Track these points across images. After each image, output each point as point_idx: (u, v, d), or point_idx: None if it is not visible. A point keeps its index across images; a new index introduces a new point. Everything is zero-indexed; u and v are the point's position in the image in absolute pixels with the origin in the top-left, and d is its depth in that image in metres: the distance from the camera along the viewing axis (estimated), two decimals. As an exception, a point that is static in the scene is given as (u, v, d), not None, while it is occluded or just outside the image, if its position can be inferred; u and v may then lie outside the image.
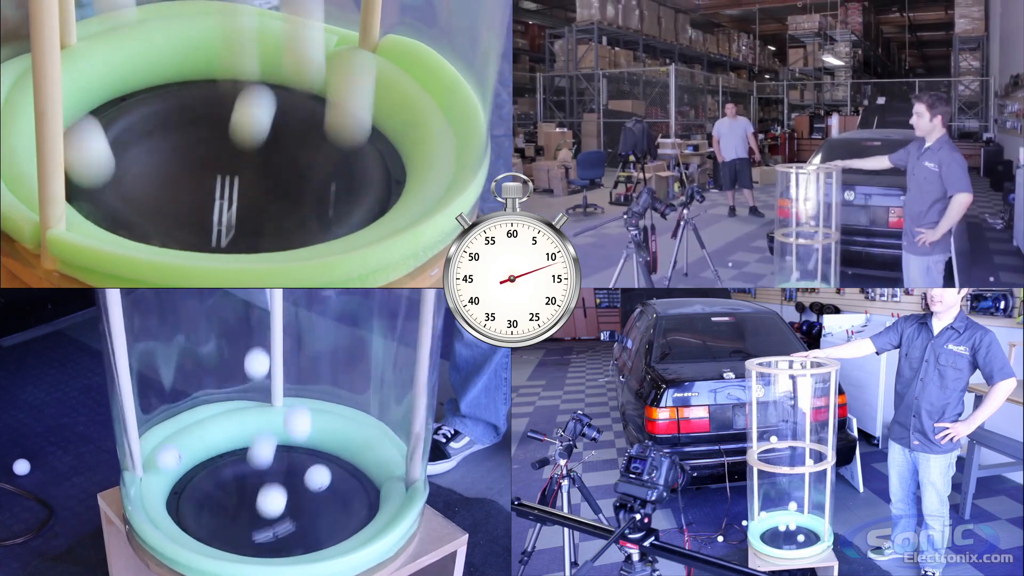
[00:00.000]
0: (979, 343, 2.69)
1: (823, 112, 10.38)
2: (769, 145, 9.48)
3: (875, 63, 11.65)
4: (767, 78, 11.85)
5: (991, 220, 5.61)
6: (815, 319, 5.78)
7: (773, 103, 11.13)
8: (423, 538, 1.97)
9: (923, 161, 3.26)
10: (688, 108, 9.77)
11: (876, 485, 3.62)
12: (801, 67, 10.96)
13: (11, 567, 2.40)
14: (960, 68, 9.22)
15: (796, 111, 10.61)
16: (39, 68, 1.37)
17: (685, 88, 9.73)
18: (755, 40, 12.02)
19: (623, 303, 9.37)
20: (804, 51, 10.96)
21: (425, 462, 2.00)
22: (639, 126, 7.26)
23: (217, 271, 1.49)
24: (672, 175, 7.34)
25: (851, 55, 10.60)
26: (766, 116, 10.84)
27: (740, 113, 7.11)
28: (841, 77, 10.63)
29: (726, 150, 6.84)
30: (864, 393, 4.20)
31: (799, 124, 10.22)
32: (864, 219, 4.42)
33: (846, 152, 4.08)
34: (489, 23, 1.81)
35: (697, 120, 9.70)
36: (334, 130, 1.79)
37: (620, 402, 4.54)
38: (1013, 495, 3.51)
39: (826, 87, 10.78)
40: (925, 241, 3.26)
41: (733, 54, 11.81)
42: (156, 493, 1.94)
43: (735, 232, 6.26)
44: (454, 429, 2.93)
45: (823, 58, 10.64)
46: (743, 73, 11.82)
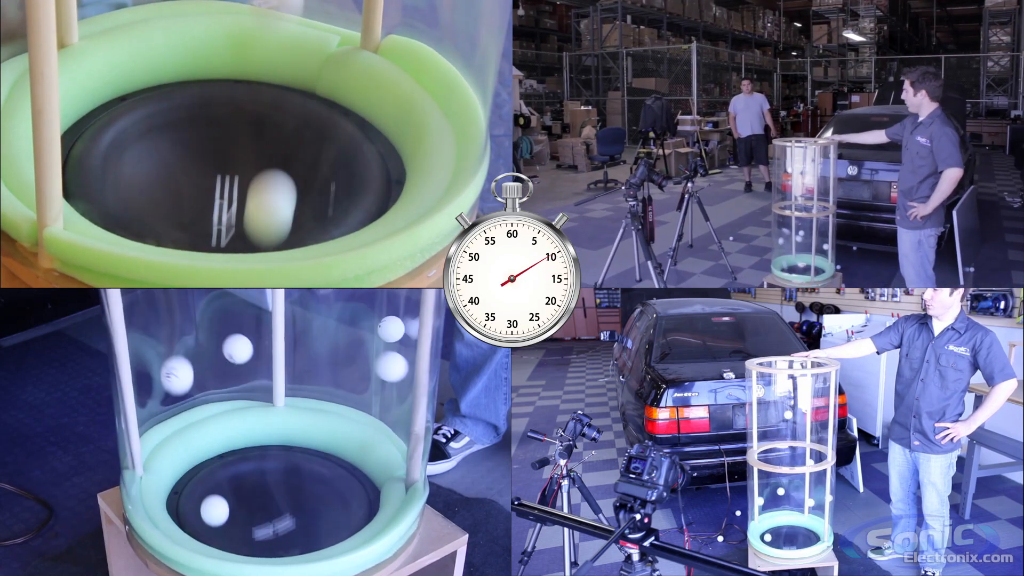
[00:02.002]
0: (980, 344, 2.69)
1: (847, 89, 10.34)
2: (792, 122, 9.46)
3: (902, 39, 11.56)
4: (793, 55, 11.79)
5: (1009, 198, 5.59)
6: (815, 319, 5.77)
7: (798, 80, 11.08)
8: (423, 538, 1.97)
9: (915, 136, 3.29)
10: (712, 85, 9.76)
11: (876, 485, 3.62)
12: (825, 43, 10.89)
13: (11, 567, 2.40)
14: (990, 43, 9.09)
15: (820, 88, 10.56)
16: (36, 67, 1.38)
17: (709, 65, 9.72)
18: (780, 16, 11.96)
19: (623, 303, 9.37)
20: (828, 27, 10.89)
21: (425, 462, 2.00)
22: (658, 103, 7.30)
23: (216, 271, 1.49)
24: (692, 151, 7.36)
25: (876, 31, 10.51)
26: (791, 93, 10.79)
27: (758, 90, 7.13)
28: (865, 54, 10.55)
29: (742, 126, 6.87)
30: (864, 393, 4.20)
31: (822, 101, 10.18)
32: (867, 194, 4.44)
33: (855, 127, 4.09)
34: (489, 24, 1.81)
35: (721, 97, 9.69)
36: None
37: (620, 402, 4.54)
38: (1013, 495, 3.51)
39: (850, 64, 10.71)
40: (917, 215, 3.29)
41: (758, 31, 11.74)
42: (156, 493, 1.94)
43: (748, 207, 6.32)
44: (454, 429, 2.93)
45: (845, 34, 10.58)
46: (768, 50, 11.77)
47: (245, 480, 2.07)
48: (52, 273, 1.53)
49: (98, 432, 3.03)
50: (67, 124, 1.75)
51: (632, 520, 1.63)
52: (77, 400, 3.23)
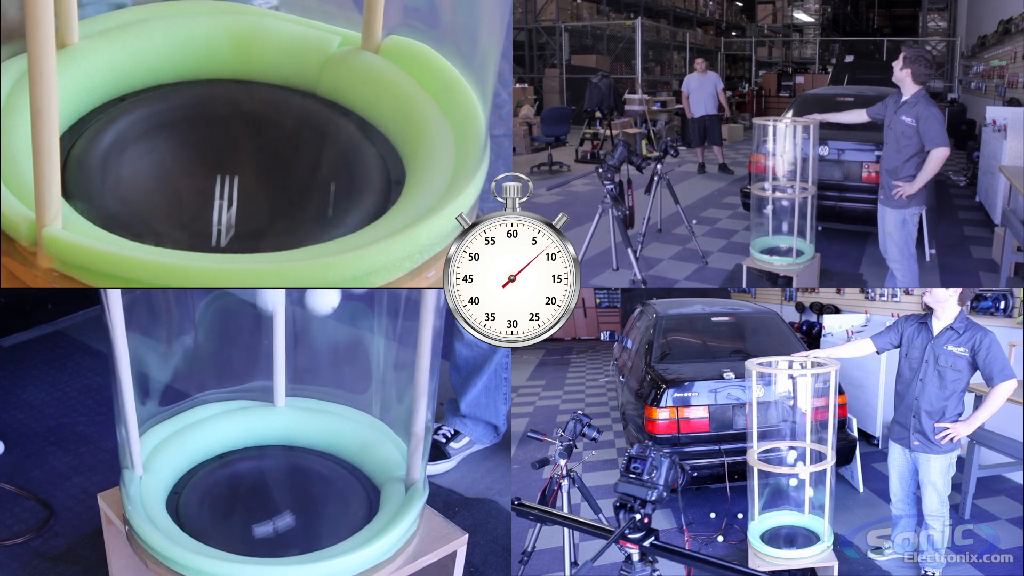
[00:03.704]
0: (979, 344, 2.69)
1: (791, 70, 10.32)
2: (737, 103, 9.39)
3: (844, 21, 11.60)
4: (734, 35, 11.74)
5: (955, 177, 5.68)
6: (815, 319, 5.77)
7: (740, 60, 11.03)
8: (423, 538, 1.97)
9: (900, 115, 3.28)
10: (654, 64, 9.61)
11: (876, 485, 3.62)
12: (770, 24, 10.87)
13: (11, 567, 2.40)
14: (928, 28, 9.25)
15: (764, 69, 10.54)
16: (35, 67, 1.38)
17: (651, 44, 9.53)
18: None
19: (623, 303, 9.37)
20: (773, 7, 10.90)
21: (425, 462, 2.00)
22: (605, 81, 7.13)
23: (216, 271, 1.49)
24: (639, 132, 7.28)
25: (820, 12, 10.56)
26: (733, 74, 10.72)
27: (710, 69, 7.07)
28: (810, 35, 10.58)
29: (695, 106, 6.78)
30: (864, 393, 4.20)
31: (767, 82, 10.16)
32: (838, 174, 4.43)
33: (819, 107, 4.06)
34: (489, 24, 1.82)
35: (663, 76, 9.57)
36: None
37: (620, 402, 4.54)
38: (1013, 495, 3.51)
39: (794, 45, 10.72)
40: (903, 194, 3.29)
41: (700, 9, 11.63)
42: (156, 493, 1.94)
43: (705, 189, 6.25)
44: (454, 429, 2.93)
45: (794, 14, 10.58)
46: (710, 29, 11.69)
47: (245, 480, 2.07)
48: (51, 273, 1.53)
49: (98, 432, 3.03)
50: (67, 124, 1.75)
51: (632, 520, 1.63)
52: (77, 400, 3.23)
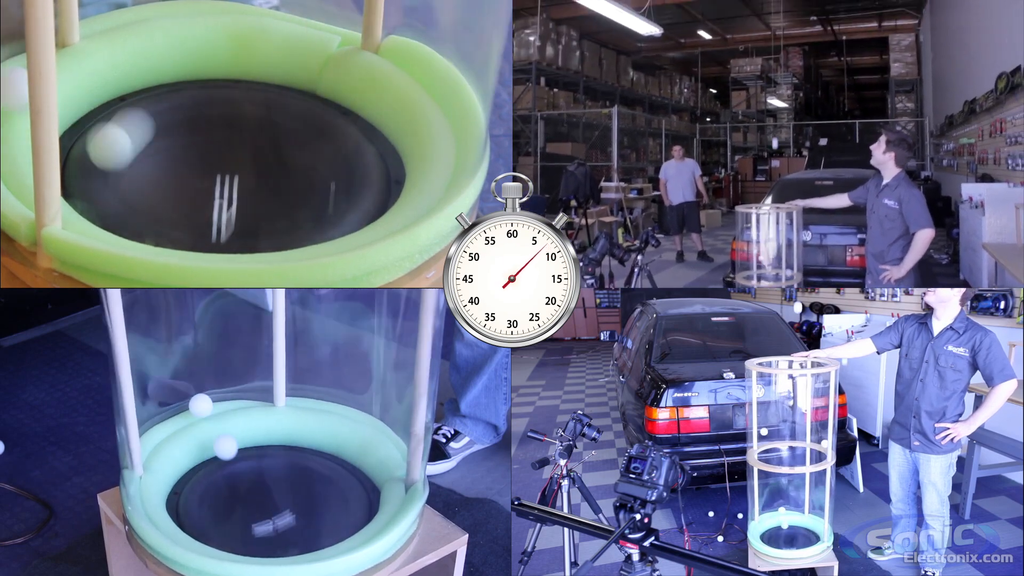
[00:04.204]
0: (979, 344, 2.69)
1: (766, 154, 10.41)
2: (714, 188, 9.41)
3: (816, 105, 11.84)
4: (708, 121, 11.86)
5: (936, 256, 5.72)
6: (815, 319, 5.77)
7: (715, 146, 11.14)
8: (423, 538, 1.97)
9: (882, 199, 3.28)
10: (629, 151, 9.61)
11: (876, 485, 3.62)
12: (744, 110, 11.00)
13: (11, 567, 2.40)
14: (896, 109, 9.48)
15: (739, 153, 10.64)
16: (34, 66, 1.37)
17: (626, 131, 9.52)
18: (697, 83, 12.03)
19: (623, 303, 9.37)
20: (747, 94, 11.08)
21: (425, 462, 2.00)
22: (581, 169, 7.05)
23: (215, 271, 1.49)
24: (616, 220, 7.19)
25: (793, 97, 10.73)
26: (708, 159, 10.82)
27: (687, 155, 7.04)
28: (784, 119, 10.74)
29: (673, 193, 6.73)
30: (864, 393, 4.20)
31: (743, 166, 10.23)
32: (822, 259, 4.44)
33: (799, 192, 4.08)
34: (490, 24, 1.82)
35: (639, 163, 9.58)
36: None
37: (620, 402, 4.54)
38: (1013, 495, 3.51)
39: (768, 129, 10.85)
40: (891, 278, 3.28)
41: (675, 97, 11.75)
42: (156, 493, 1.94)
43: (685, 278, 6.20)
44: (454, 429, 2.93)
45: (768, 100, 10.74)
46: (684, 116, 11.80)
47: (245, 480, 2.07)
48: (51, 273, 1.53)
49: (98, 432, 3.03)
50: (67, 124, 1.75)
51: (632, 520, 1.63)
52: (77, 400, 3.23)
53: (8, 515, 2.61)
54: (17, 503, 2.66)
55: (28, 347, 3.55)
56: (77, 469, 2.83)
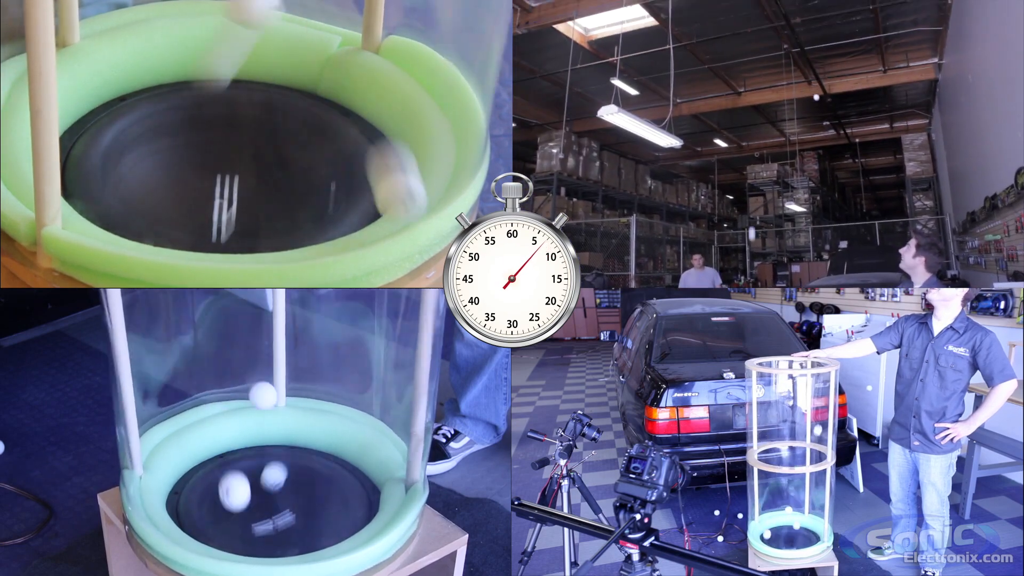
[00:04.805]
0: (979, 344, 2.69)
1: (786, 259, 10.41)
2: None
3: (833, 208, 11.93)
4: (726, 227, 11.89)
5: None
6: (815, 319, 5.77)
7: (733, 251, 11.16)
8: (423, 538, 1.97)
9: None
10: (646, 259, 9.63)
11: (876, 485, 3.61)
12: (761, 215, 11.05)
13: (11, 567, 2.40)
14: (915, 208, 9.56)
15: (758, 259, 10.66)
16: (34, 66, 1.38)
17: (643, 239, 9.52)
18: (714, 190, 12.08)
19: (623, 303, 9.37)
20: (764, 199, 11.12)
21: (425, 462, 2.00)
22: (599, 280, 7.07)
23: (215, 271, 1.49)
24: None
25: (810, 200, 10.78)
26: (727, 265, 10.85)
27: (706, 264, 7.01)
28: (802, 223, 10.76)
29: None
30: (864, 393, 4.20)
31: (763, 272, 10.21)
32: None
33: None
34: (490, 24, 1.82)
35: (655, 271, 9.60)
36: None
37: (620, 402, 4.54)
38: (1013, 495, 3.50)
39: (787, 234, 10.87)
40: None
41: (692, 204, 11.81)
42: (156, 493, 1.94)
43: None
44: (454, 429, 2.93)
45: (786, 205, 10.79)
46: (702, 222, 11.85)
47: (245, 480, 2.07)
48: (51, 273, 1.53)
49: (98, 432, 3.03)
50: (67, 124, 1.75)
51: (632, 520, 1.63)
52: (77, 400, 3.23)
53: (8, 515, 2.61)
54: (17, 503, 2.66)
55: (28, 347, 3.54)
56: (77, 469, 2.83)
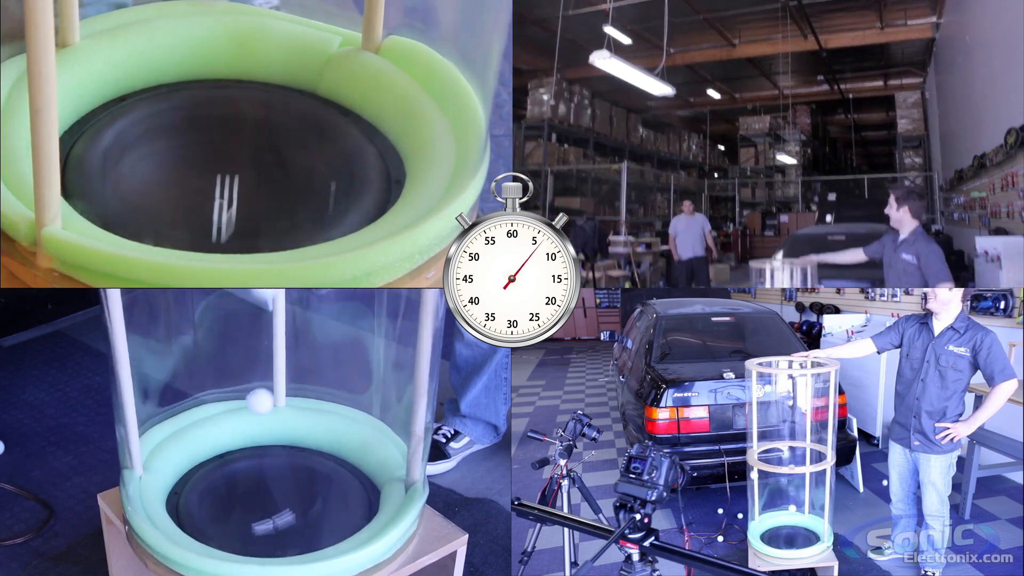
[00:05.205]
0: (980, 344, 2.69)
1: (775, 209, 10.46)
2: (722, 243, 9.45)
3: (823, 161, 11.98)
4: (716, 177, 11.93)
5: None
6: (815, 319, 5.78)
7: (723, 200, 11.21)
8: (423, 538, 1.97)
9: (900, 253, 3.20)
10: (637, 206, 9.65)
11: (876, 485, 3.62)
12: (752, 165, 11.08)
13: (11, 567, 2.40)
14: (904, 165, 9.58)
15: (747, 208, 10.71)
16: (34, 66, 1.38)
17: (634, 186, 9.52)
18: (705, 140, 12.11)
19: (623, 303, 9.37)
20: (755, 150, 11.16)
21: (425, 462, 2.00)
22: (591, 224, 7.03)
23: (215, 271, 1.49)
24: (623, 274, 7.21)
25: (801, 153, 10.82)
26: (716, 214, 10.90)
27: (696, 211, 7.01)
28: (792, 175, 10.81)
29: (683, 248, 6.69)
30: (864, 393, 4.20)
31: (751, 221, 10.26)
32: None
33: (811, 247, 4.01)
34: (490, 24, 1.82)
35: (646, 218, 9.61)
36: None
37: (620, 402, 4.54)
38: (1013, 495, 3.51)
39: (777, 184, 10.92)
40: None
41: (683, 153, 11.83)
42: (156, 493, 1.94)
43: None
44: (454, 429, 2.93)
45: (777, 156, 10.84)
46: (693, 171, 11.88)
47: (245, 480, 2.07)
48: (51, 273, 1.53)
49: (98, 432, 3.03)
50: (68, 124, 1.75)
51: (632, 520, 1.63)
52: (77, 400, 3.23)
53: (8, 515, 2.61)
54: (17, 503, 2.66)
55: (28, 347, 3.55)
56: (77, 469, 2.83)
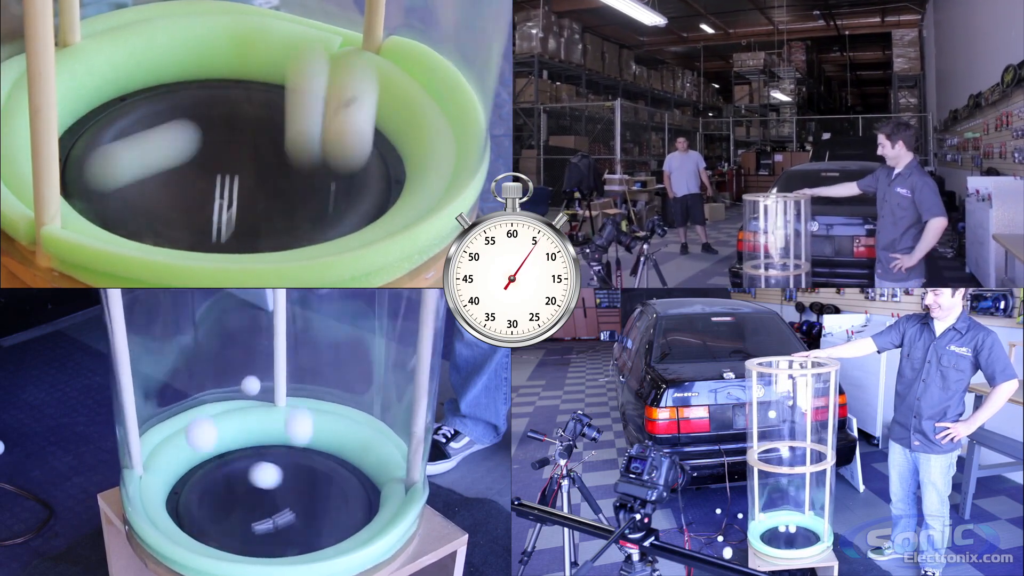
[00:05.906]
0: (981, 344, 2.69)
1: (769, 148, 10.46)
2: (717, 182, 9.46)
3: (818, 100, 11.92)
4: (711, 115, 11.88)
5: (941, 249, 5.74)
6: (815, 319, 5.78)
7: (718, 140, 11.18)
8: (423, 538, 1.97)
9: (894, 187, 3.29)
10: (631, 145, 9.63)
11: (876, 485, 3.62)
12: (747, 104, 11.04)
13: (11, 567, 2.40)
14: (899, 105, 9.55)
15: (742, 147, 10.69)
16: (34, 66, 1.38)
17: (629, 124, 9.51)
18: (699, 77, 12.05)
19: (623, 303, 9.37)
20: (749, 88, 11.12)
21: (425, 462, 2.00)
22: (585, 161, 7.04)
23: (215, 271, 1.49)
24: (619, 212, 7.21)
25: (796, 92, 10.79)
26: (711, 153, 10.89)
27: (690, 148, 7.05)
28: (786, 114, 10.79)
29: (677, 185, 6.71)
30: (864, 393, 4.20)
31: (746, 160, 10.27)
32: (829, 249, 4.42)
33: (805, 183, 4.05)
34: (490, 24, 1.82)
35: (641, 157, 9.60)
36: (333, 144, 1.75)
37: (620, 402, 4.54)
38: (1013, 495, 3.51)
39: (771, 123, 10.89)
40: (901, 267, 3.30)
41: (677, 91, 11.78)
42: (156, 493, 1.94)
43: (690, 269, 6.19)
44: (454, 429, 2.93)
45: (772, 94, 10.81)
46: (687, 110, 11.83)
47: (245, 480, 2.07)
48: (51, 272, 1.53)
49: (98, 432, 3.03)
50: (68, 123, 1.75)
51: (632, 520, 1.63)
52: (77, 400, 3.23)
53: (8, 515, 2.61)
54: (17, 503, 2.66)
55: (28, 347, 3.55)
56: (77, 469, 2.83)
